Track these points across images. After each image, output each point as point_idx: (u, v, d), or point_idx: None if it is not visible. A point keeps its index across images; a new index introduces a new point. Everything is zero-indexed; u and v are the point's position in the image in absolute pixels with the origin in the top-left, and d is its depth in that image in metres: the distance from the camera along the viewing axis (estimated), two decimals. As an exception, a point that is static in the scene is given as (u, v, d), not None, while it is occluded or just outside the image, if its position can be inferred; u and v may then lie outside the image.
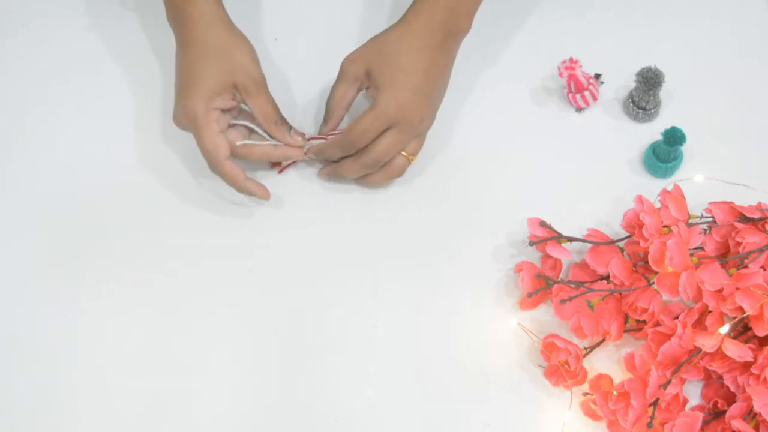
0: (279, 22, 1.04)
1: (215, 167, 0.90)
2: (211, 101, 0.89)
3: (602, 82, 1.00)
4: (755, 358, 0.81)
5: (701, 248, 0.87)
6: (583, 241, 0.89)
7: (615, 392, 0.82)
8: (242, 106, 0.93)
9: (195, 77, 0.89)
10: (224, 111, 0.91)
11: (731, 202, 0.87)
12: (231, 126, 0.92)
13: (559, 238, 0.89)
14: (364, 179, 0.94)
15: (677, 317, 0.84)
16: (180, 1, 0.91)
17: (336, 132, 0.93)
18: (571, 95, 0.97)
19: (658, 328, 0.83)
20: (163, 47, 1.02)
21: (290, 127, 0.93)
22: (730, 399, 0.83)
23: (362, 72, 0.91)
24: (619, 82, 0.99)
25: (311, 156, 0.94)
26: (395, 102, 0.88)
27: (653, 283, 0.84)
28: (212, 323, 0.91)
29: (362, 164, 0.91)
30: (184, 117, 0.89)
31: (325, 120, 0.94)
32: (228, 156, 0.90)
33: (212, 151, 0.89)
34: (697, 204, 0.90)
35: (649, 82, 0.93)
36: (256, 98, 0.90)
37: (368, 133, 0.89)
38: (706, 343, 0.80)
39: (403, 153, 0.91)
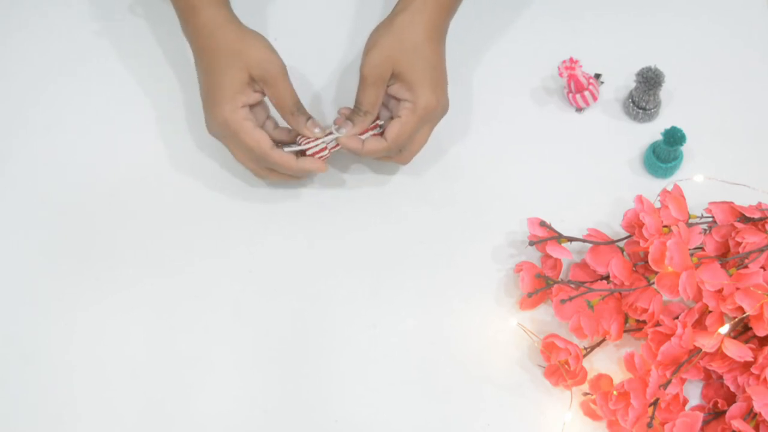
0: (279, 22, 1.04)
1: (264, 160, 0.89)
2: (235, 101, 0.88)
3: (602, 82, 1.00)
4: (755, 358, 0.81)
5: (701, 248, 0.87)
6: (583, 241, 0.89)
7: (615, 392, 0.82)
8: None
9: (214, 83, 0.89)
10: (253, 106, 0.90)
11: (731, 202, 0.87)
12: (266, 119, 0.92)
13: (559, 238, 0.89)
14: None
15: (677, 317, 0.84)
16: (188, 13, 0.91)
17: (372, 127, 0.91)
18: (571, 95, 0.97)
19: (658, 328, 0.83)
20: (167, 48, 1.02)
21: (308, 118, 0.91)
22: (730, 399, 0.83)
23: (389, 74, 0.89)
24: (619, 82, 0.99)
25: (346, 149, 0.91)
26: (435, 99, 0.89)
27: (653, 283, 0.84)
28: (212, 323, 0.91)
29: (391, 153, 0.91)
30: (216, 126, 0.89)
31: (354, 119, 0.91)
32: (272, 145, 0.89)
33: (255, 147, 0.88)
34: (697, 204, 0.90)
35: (649, 82, 0.93)
36: (273, 88, 0.89)
37: (412, 133, 0.90)
38: (706, 343, 0.80)
39: None
